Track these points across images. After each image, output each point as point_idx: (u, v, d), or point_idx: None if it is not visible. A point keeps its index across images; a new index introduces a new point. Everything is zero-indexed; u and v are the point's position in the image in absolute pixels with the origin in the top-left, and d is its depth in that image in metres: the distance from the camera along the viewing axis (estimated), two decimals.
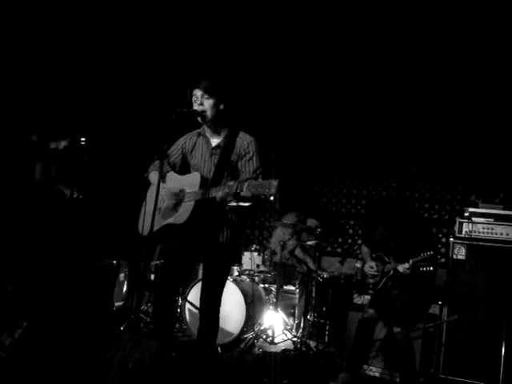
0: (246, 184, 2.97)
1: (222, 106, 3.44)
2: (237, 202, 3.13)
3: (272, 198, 5.76)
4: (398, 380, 4.39)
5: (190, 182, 3.36)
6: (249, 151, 3.43)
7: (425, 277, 4.32)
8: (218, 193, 3.13)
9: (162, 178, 3.48)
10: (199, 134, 3.58)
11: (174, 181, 3.50)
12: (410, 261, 4.22)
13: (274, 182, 2.90)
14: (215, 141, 3.52)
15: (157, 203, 3.15)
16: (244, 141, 3.46)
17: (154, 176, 3.59)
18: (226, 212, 3.43)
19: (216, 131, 3.52)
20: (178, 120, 3.28)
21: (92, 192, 5.45)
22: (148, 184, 3.69)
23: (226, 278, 3.58)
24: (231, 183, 3.07)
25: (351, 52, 6.38)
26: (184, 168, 3.65)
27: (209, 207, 3.27)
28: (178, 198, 3.40)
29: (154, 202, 3.16)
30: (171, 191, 3.46)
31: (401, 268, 4.27)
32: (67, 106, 6.05)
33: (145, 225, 3.43)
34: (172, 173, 3.56)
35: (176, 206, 3.40)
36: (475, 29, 5.58)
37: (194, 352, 3.50)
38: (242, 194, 2.99)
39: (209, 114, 3.40)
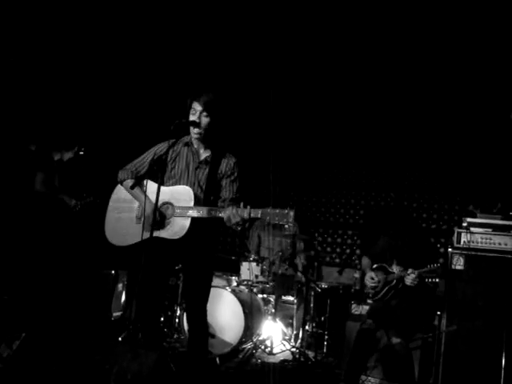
0: (260, 211, 3.08)
1: (217, 125, 3.47)
2: (246, 223, 3.16)
3: (287, 227, 5.84)
4: None
5: (179, 196, 3.32)
6: (234, 172, 3.52)
7: (427, 287, 4.32)
8: (226, 213, 3.14)
9: (139, 185, 3.43)
10: (186, 144, 3.55)
11: (154, 191, 3.32)
12: (416, 272, 4.23)
13: (291, 213, 3.03)
14: (203, 155, 3.53)
15: (156, 214, 3.13)
16: (230, 161, 3.53)
17: (127, 184, 3.49)
18: (216, 227, 3.43)
19: (205, 145, 3.54)
20: (177, 131, 3.30)
21: (90, 201, 5.44)
22: (112, 188, 3.63)
23: (210, 289, 3.56)
24: (242, 208, 3.13)
25: (350, 63, 6.42)
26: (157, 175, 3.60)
27: (207, 224, 3.28)
28: (164, 210, 3.35)
29: (133, 211, 3.20)
30: (153, 202, 3.33)
31: (408, 280, 4.25)
32: (68, 116, 6.06)
33: (124, 235, 3.43)
34: (150, 182, 3.48)
35: (161, 219, 3.33)
36: (474, 39, 5.62)
37: (189, 363, 3.49)
38: (254, 216, 3.09)
39: (204, 129, 3.43)
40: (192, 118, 3.41)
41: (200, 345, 3.48)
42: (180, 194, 3.33)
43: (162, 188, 3.39)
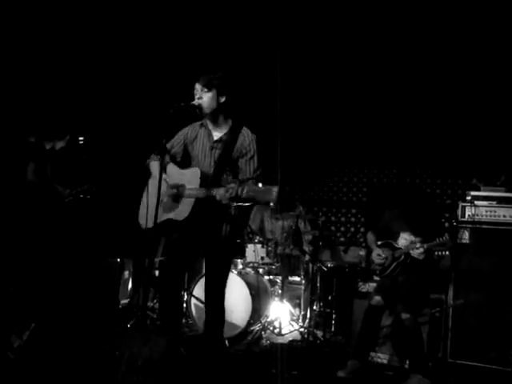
0: (246, 188, 3.03)
1: (222, 99, 3.44)
2: (237, 202, 3.16)
3: (272, 204, 5.81)
4: (406, 366, 4.40)
5: (190, 178, 3.36)
6: (250, 149, 3.45)
7: (433, 261, 4.32)
8: (218, 193, 3.15)
9: (164, 168, 3.49)
10: (201, 125, 3.58)
11: (173, 174, 3.50)
12: (425, 245, 4.22)
13: (275, 189, 2.96)
14: (217, 134, 3.52)
15: (159, 197, 3.14)
16: (246, 138, 3.47)
17: (154, 166, 3.57)
18: (226, 208, 3.43)
19: (217, 124, 3.52)
20: (177, 114, 3.28)
21: (94, 190, 5.42)
22: (148, 174, 3.67)
23: (229, 272, 3.59)
24: (232, 185, 3.11)
25: (350, 42, 6.36)
26: (185, 158, 3.65)
27: (209, 204, 3.28)
28: (178, 192, 3.40)
29: (155, 195, 3.20)
30: (171, 185, 3.46)
31: (415, 254, 4.26)
32: (64, 104, 6.01)
33: (145, 218, 3.44)
34: (172, 164, 3.55)
35: (176, 201, 3.40)
36: (467, 19, 5.57)
37: (202, 346, 3.51)
38: (243, 196, 3.05)
39: (207, 106, 3.41)
40: (195, 98, 3.41)
41: (216, 328, 3.51)
42: (191, 176, 3.37)
43: (181, 171, 3.50)
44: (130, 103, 6.73)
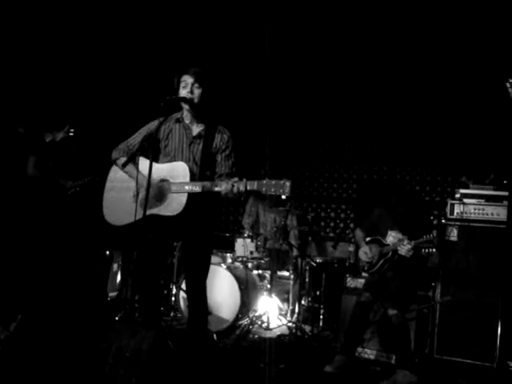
0: (256, 182, 3.07)
1: (209, 97, 3.44)
2: (239, 198, 3.17)
3: (284, 197, 5.83)
4: (393, 361, 4.43)
5: (176, 173, 3.30)
6: (228, 146, 3.49)
7: (421, 258, 4.34)
8: (224, 187, 3.13)
9: (132, 162, 3.41)
10: (177, 120, 3.52)
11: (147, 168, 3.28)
12: (412, 242, 4.24)
13: (287, 183, 3.05)
14: (195, 129, 3.50)
15: (148, 194, 3.08)
16: (224, 134, 3.50)
17: (129, 166, 3.45)
18: (216, 203, 3.42)
19: (197, 120, 3.51)
20: (167, 107, 3.26)
21: (83, 183, 5.38)
22: (108, 168, 3.62)
23: (209, 265, 3.57)
24: (236, 179, 3.12)
25: (342, 36, 6.36)
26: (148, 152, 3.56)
27: (203, 198, 3.26)
28: (161, 187, 3.35)
29: (130, 190, 3.24)
30: (159, 179, 3.36)
31: (403, 251, 4.27)
32: (56, 95, 5.97)
33: (122, 214, 3.42)
34: (144, 159, 3.44)
35: (159, 196, 3.34)
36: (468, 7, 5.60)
37: (188, 340, 3.51)
38: (254, 189, 3.09)
39: (196, 101, 3.40)
40: (184, 91, 3.38)
41: (200, 321, 3.52)
42: (176, 171, 3.31)
43: (159, 165, 3.42)
44: (120, 96, 6.71)
